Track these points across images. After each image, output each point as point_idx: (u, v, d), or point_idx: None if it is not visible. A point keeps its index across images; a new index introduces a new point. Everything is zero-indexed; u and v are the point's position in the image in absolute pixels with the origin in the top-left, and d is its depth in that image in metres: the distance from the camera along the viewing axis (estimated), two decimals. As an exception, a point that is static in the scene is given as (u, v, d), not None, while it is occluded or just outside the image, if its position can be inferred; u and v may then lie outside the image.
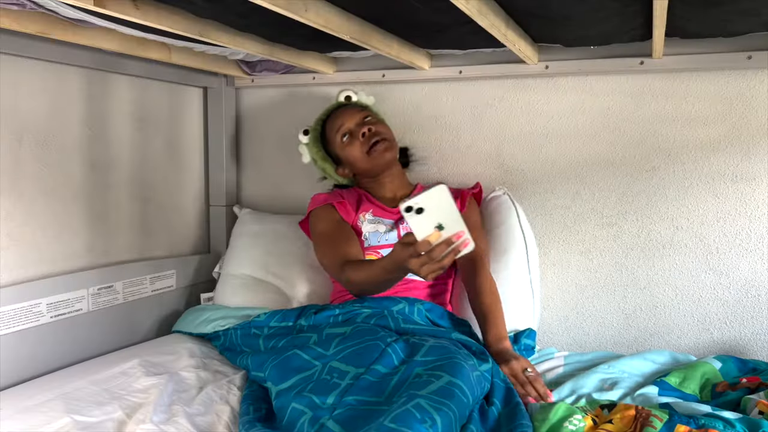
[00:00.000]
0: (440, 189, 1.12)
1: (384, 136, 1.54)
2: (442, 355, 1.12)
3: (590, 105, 1.64)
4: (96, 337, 1.52)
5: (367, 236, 1.51)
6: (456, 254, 1.13)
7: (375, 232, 1.51)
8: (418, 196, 1.12)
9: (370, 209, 1.55)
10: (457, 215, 1.14)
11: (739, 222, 1.54)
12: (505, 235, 1.57)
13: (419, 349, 1.15)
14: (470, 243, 1.13)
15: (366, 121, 1.55)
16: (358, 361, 1.12)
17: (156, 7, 1.17)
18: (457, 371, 1.06)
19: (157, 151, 1.80)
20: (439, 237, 1.14)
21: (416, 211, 1.13)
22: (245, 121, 2.02)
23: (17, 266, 1.40)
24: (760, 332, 1.54)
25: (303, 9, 1.11)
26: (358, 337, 1.19)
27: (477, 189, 1.64)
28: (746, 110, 1.52)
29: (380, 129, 1.55)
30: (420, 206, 1.13)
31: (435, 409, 0.95)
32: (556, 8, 1.25)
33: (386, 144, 1.53)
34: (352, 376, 1.08)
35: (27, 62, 1.41)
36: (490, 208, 1.63)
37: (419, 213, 1.13)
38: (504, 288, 1.50)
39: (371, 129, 1.53)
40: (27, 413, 1.10)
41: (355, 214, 1.55)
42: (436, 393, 1.00)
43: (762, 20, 1.31)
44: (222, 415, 1.17)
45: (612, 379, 1.30)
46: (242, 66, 1.86)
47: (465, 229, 1.13)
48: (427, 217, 1.14)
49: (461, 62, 1.72)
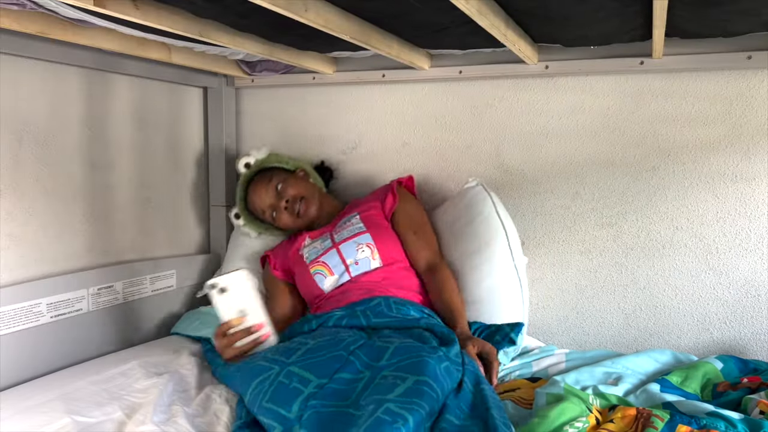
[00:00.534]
0: (239, 274, 1.17)
1: (301, 195, 1.64)
2: (408, 355, 1.11)
3: (590, 105, 1.64)
4: (96, 337, 1.52)
5: (306, 255, 1.58)
6: (257, 345, 1.20)
7: (312, 249, 1.58)
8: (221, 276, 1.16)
9: (306, 236, 1.64)
10: (258, 305, 1.19)
11: (738, 222, 1.54)
12: (484, 226, 1.55)
13: (384, 352, 1.14)
14: (271, 336, 1.20)
15: (279, 190, 1.63)
16: (320, 371, 1.10)
17: (156, 7, 1.17)
18: (422, 369, 1.05)
19: (157, 151, 1.80)
20: (240, 323, 1.19)
21: (219, 290, 1.19)
22: (245, 121, 2.02)
23: (17, 266, 1.41)
24: (760, 332, 1.54)
25: (303, 9, 1.11)
26: (322, 349, 1.17)
27: (406, 178, 1.70)
28: (746, 110, 1.52)
29: (294, 192, 1.64)
30: (222, 286, 1.18)
31: (406, 410, 0.95)
32: (556, 8, 1.25)
33: (306, 202, 1.63)
34: (315, 384, 1.06)
35: (27, 62, 1.41)
36: (464, 200, 1.62)
37: (222, 293, 1.19)
38: (491, 281, 1.50)
39: (288, 199, 1.63)
40: (27, 414, 1.10)
41: (292, 250, 1.63)
42: (404, 395, 0.99)
43: (762, 20, 1.31)
44: (221, 416, 1.17)
45: (616, 374, 1.31)
46: (242, 66, 1.86)
47: (266, 321, 1.19)
48: (230, 299, 1.19)
49: (461, 62, 1.72)
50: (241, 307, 1.20)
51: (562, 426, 1.04)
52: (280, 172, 1.69)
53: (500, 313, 1.49)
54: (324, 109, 1.91)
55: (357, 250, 1.51)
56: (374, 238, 1.52)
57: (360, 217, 1.58)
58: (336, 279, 1.51)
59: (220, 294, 1.19)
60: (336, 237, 1.56)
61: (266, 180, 1.66)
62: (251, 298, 1.20)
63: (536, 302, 1.71)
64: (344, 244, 1.53)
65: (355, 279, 1.49)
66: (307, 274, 1.54)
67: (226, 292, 1.19)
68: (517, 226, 1.71)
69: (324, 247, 1.56)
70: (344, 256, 1.51)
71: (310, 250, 1.58)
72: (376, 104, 1.86)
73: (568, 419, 1.05)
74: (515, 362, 1.42)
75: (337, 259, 1.52)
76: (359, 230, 1.54)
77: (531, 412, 1.14)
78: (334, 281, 1.51)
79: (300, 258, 1.58)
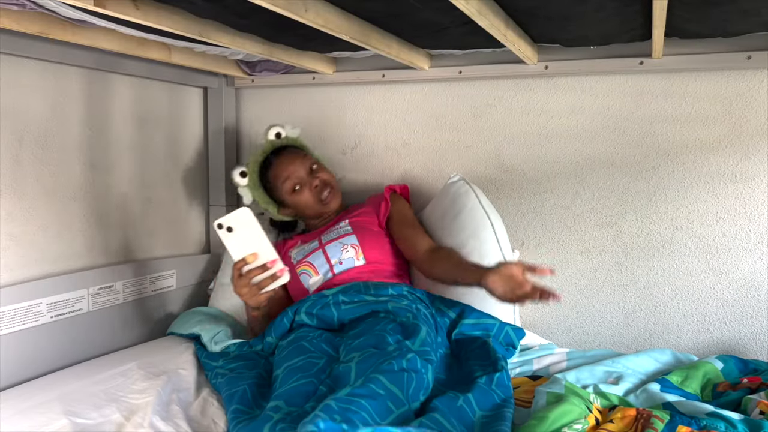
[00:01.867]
0: (242, 211, 1.18)
1: (332, 184, 1.64)
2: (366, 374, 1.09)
3: (590, 105, 1.65)
4: (96, 337, 1.52)
5: (294, 255, 1.60)
6: (273, 280, 1.24)
7: (300, 250, 1.60)
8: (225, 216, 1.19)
9: (298, 241, 1.65)
10: (267, 243, 1.20)
11: (738, 222, 1.54)
12: (470, 218, 1.55)
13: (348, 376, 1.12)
14: (286, 273, 1.23)
15: (314, 169, 1.62)
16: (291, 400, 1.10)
17: (156, 7, 1.17)
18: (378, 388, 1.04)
19: (157, 151, 1.80)
20: (254, 260, 1.21)
21: (227, 230, 1.20)
22: (245, 121, 2.02)
23: (18, 266, 1.41)
24: (760, 332, 1.54)
25: (303, 9, 1.11)
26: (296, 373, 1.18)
27: (400, 186, 1.70)
28: (746, 110, 1.52)
29: (327, 178, 1.64)
30: (229, 225, 1.19)
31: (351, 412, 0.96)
32: (556, 8, 1.25)
33: (333, 193, 1.64)
34: (285, 412, 1.07)
35: (27, 62, 1.41)
36: (449, 196, 1.62)
37: (230, 232, 1.20)
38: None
39: (318, 183, 1.62)
40: (24, 414, 1.10)
41: (283, 252, 1.62)
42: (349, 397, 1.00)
43: (762, 20, 1.31)
44: (218, 421, 1.18)
45: (617, 373, 1.31)
46: (242, 66, 1.87)
47: (278, 258, 1.21)
48: (239, 237, 1.20)
49: (461, 62, 1.72)
50: (251, 244, 1.19)
51: (561, 428, 1.03)
52: (317, 160, 1.68)
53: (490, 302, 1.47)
54: (324, 109, 1.91)
55: (342, 251, 1.54)
56: (359, 240, 1.55)
57: (348, 222, 1.61)
58: (320, 278, 1.54)
59: (228, 233, 1.18)
60: (323, 239, 1.59)
61: (301, 155, 1.64)
62: (260, 236, 1.20)
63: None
64: (330, 245, 1.56)
65: (338, 276, 1.52)
66: (293, 274, 1.56)
67: (234, 231, 1.18)
68: (517, 226, 1.72)
69: (311, 248, 1.59)
70: (329, 255, 1.54)
71: (298, 251, 1.61)
72: (376, 104, 1.86)
73: (567, 421, 1.05)
74: (515, 360, 1.43)
75: (323, 259, 1.54)
76: (346, 232, 1.57)
77: (530, 411, 1.14)
78: (318, 280, 1.54)
79: (288, 259, 1.61)
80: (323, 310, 1.37)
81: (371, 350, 1.17)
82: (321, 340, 1.30)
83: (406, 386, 1.06)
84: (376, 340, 1.21)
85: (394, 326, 1.26)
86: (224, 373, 1.28)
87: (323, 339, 1.31)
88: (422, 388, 1.10)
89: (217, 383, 1.28)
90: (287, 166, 1.62)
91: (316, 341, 1.30)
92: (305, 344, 1.28)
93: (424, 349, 1.18)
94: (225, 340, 1.43)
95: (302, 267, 1.56)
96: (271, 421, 1.04)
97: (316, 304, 1.39)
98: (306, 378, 1.16)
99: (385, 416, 0.99)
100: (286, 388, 1.14)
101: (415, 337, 1.22)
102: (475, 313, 1.43)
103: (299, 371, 1.18)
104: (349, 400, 0.98)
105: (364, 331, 1.26)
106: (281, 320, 1.39)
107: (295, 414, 1.06)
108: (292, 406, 1.08)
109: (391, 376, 1.06)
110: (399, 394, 1.04)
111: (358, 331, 1.28)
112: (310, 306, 1.39)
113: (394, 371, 1.08)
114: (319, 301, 1.40)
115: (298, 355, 1.25)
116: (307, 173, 1.62)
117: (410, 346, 1.17)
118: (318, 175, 1.62)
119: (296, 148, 1.69)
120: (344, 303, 1.38)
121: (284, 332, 1.38)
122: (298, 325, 1.38)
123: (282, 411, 1.07)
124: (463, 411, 1.06)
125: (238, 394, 1.18)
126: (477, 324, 1.41)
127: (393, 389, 1.04)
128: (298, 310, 1.39)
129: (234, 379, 1.25)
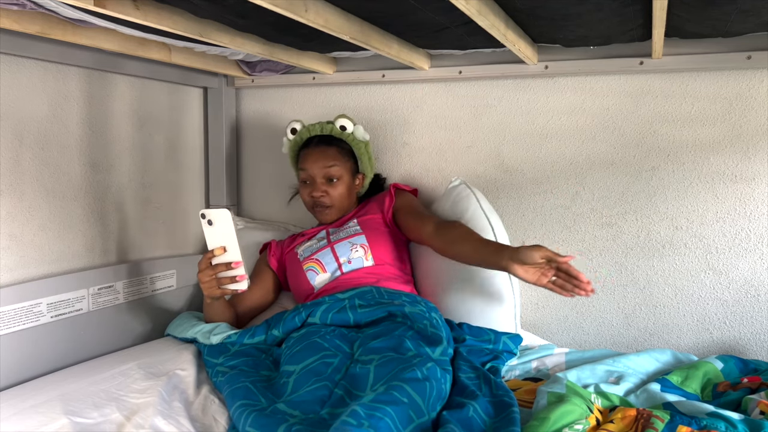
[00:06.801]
0: (223, 212, 1.27)
1: (333, 204, 1.62)
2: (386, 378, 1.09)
3: (590, 105, 1.65)
4: (96, 337, 1.52)
5: (301, 252, 1.60)
6: (232, 281, 1.29)
7: (308, 247, 1.60)
8: (210, 209, 1.27)
9: (306, 236, 1.66)
10: (237, 246, 1.29)
11: (738, 222, 1.54)
12: (471, 223, 1.54)
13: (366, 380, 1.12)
14: (246, 281, 1.29)
15: (331, 180, 1.61)
16: (307, 408, 1.10)
17: (156, 7, 1.17)
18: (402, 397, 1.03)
19: (157, 151, 1.80)
20: (222, 254, 1.30)
21: (208, 222, 1.29)
22: (245, 121, 2.02)
23: (18, 266, 1.41)
24: (760, 332, 1.54)
25: (303, 9, 1.11)
26: (310, 377, 1.18)
27: (411, 189, 1.70)
28: (746, 110, 1.52)
29: (333, 195, 1.61)
30: (210, 218, 1.28)
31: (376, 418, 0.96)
32: (556, 8, 1.25)
33: (330, 212, 1.62)
34: (300, 418, 1.07)
35: (27, 62, 1.41)
36: (450, 200, 1.62)
37: (210, 225, 1.29)
38: (480, 279, 1.50)
39: (323, 193, 1.61)
40: (25, 414, 1.10)
41: (290, 247, 1.66)
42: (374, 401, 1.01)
43: (762, 20, 1.31)
44: (219, 419, 1.18)
45: (618, 372, 1.31)
46: (242, 66, 1.87)
47: (242, 263, 1.29)
48: (216, 231, 1.29)
49: (461, 62, 1.72)
50: (224, 241, 1.30)
51: (562, 429, 1.03)
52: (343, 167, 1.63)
53: (491, 307, 1.49)
54: (324, 109, 1.91)
55: (351, 250, 1.54)
56: (369, 240, 1.55)
57: (357, 221, 1.61)
58: (328, 276, 1.53)
59: (208, 225, 1.29)
60: (332, 237, 1.59)
61: (332, 160, 1.61)
62: (232, 238, 1.29)
63: (536, 302, 1.72)
64: (339, 243, 1.55)
65: (346, 275, 1.51)
66: (299, 271, 1.56)
67: (213, 225, 1.29)
68: (517, 226, 1.72)
69: (319, 246, 1.58)
70: (338, 254, 1.54)
71: (306, 248, 1.60)
72: (376, 104, 1.86)
73: (568, 422, 1.05)
74: (515, 361, 1.43)
75: (331, 257, 1.54)
76: (355, 232, 1.57)
77: (531, 412, 1.14)
78: (325, 278, 1.53)
79: (294, 255, 1.61)
80: (339, 314, 1.36)
81: (391, 354, 1.17)
82: (335, 336, 1.30)
83: (427, 396, 1.06)
84: (395, 343, 1.21)
85: (413, 333, 1.26)
86: (225, 371, 1.28)
87: (337, 335, 1.30)
88: (441, 398, 1.10)
89: (218, 381, 1.28)
90: (311, 160, 1.61)
91: (330, 336, 1.29)
92: (318, 340, 1.28)
93: (443, 359, 1.18)
94: (225, 331, 1.43)
95: (309, 264, 1.55)
96: (287, 423, 1.04)
97: (332, 308, 1.37)
98: (320, 382, 1.15)
99: (406, 425, 0.99)
100: (300, 395, 1.13)
101: (435, 345, 1.21)
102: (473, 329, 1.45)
103: (313, 375, 1.18)
104: (374, 407, 0.98)
105: (383, 332, 1.26)
106: (292, 318, 1.38)
107: (311, 420, 1.06)
108: (308, 413, 1.08)
109: (415, 385, 1.06)
110: (420, 403, 1.04)
111: (376, 331, 1.27)
112: (325, 310, 1.37)
113: (418, 380, 1.07)
114: (335, 305, 1.38)
115: (312, 354, 1.24)
116: (323, 178, 1.61)
117: (430, 354, 1.17)
118: (328, 187, 1.61)
119: (341, 150, 1.63)
120: (361, 306, 1.37)
121: (294, 329, 1.38)
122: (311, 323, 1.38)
123: (298, 417, 1.07)
124: (474, 421, 1.06)
125: (241, 391, 1.18)
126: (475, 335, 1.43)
127: (416, 398, 1.03)
128: (313, 313, 1.37)
129: (235, 376, 1.24)
